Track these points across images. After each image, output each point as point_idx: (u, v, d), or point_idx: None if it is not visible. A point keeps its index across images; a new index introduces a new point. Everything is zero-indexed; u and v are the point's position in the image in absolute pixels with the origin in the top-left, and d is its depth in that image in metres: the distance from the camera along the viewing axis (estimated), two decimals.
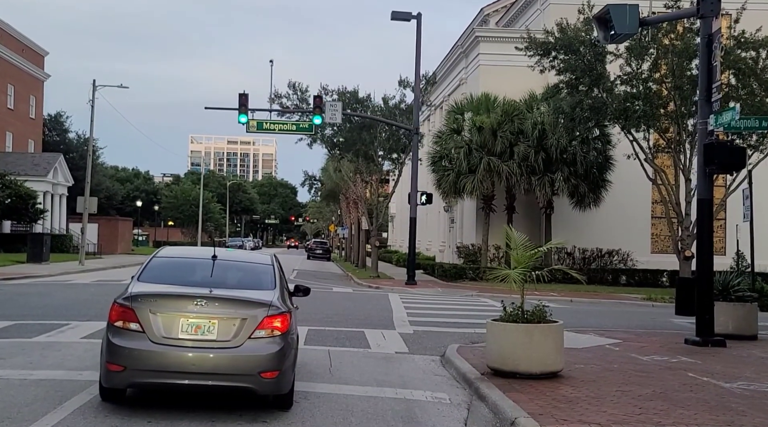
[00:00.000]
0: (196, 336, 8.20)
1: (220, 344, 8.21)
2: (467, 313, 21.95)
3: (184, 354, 8.10)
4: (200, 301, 8.30)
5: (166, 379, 8.14)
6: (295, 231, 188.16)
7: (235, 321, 8.28)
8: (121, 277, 33.53)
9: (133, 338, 8.13)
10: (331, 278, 41.45)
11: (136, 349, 8.06)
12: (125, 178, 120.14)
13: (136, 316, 8.19)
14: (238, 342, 8.23)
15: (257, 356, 8.21)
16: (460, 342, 15.48)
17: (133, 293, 8.48)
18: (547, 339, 11.02)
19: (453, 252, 47.61)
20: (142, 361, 8.05)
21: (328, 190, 75.40)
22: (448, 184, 37.91)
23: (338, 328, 17.03)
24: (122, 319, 8.26)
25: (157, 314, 8.22)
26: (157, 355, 8.05)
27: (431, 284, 35.41)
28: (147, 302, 8.28)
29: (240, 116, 33.13)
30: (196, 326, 8.22)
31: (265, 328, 8.36)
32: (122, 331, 8.22)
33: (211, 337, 8.22)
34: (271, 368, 8.25)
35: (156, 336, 8.14)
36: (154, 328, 8.16)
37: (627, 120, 29.49)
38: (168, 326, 8.19)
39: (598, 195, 37.49)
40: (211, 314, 8.26)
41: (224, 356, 8.15)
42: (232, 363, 8.15)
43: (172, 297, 8.45)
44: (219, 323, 8.25)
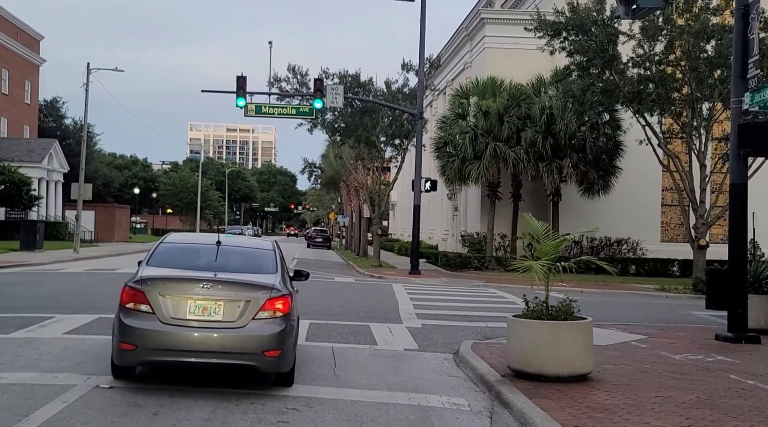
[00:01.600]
0: (203, 317, 8.63)
1: (226, 324, 8.63)
2: (476, 305, 20.87)
3: (191, 334, 8.54)
4: (206, 284, 8.75)
5: (175, 357, 8.57)
6: (294, 219, 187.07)
7: (240, 303, 8.70)
8: (115, 266, 32.44)
9: (144, 319, 8.56)
10: (332, 267, 40.36)
11: (147, 329, 8.48)
12: (123, 166, 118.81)
13: (147, 298, 8.63)
14: (242, 323, 8.66)
15: (261, 335, 8.62)
16: (473, 338, 14.42)
17: (143, 277, 8.93)
18: (576, 338, 9.93)
19: (456, 241, 46.51)
20: (153, 340, 8.47)
21: (328, 177, 74.29)
22: (453, 170, 36.74)
23: (342, 321, 15.95)
24: (133, 301, 8.68)
25: (166, 296, 8.64)
26: (166, 335, 8.48)
27: (435, 274, 34.32)
28: (156, 285, 8.73)
29: (238, 100, 31.96)
30: (203, 308, 8.65)
31: (267, 309, 8.79)
32: (133, 312, 8.64)
33: (217, 318, 8.65)
34: (273, 347, 8.65)
35: (165, 317, 8.56)
36: (163, 309, 8.58)
37: (640, 103, 28.35)
38: (176, 308, 8.62)
39: (607, 182, 36.33)
40: (216, 297, 8.69)
41: (230, 335, 8.58)
42: (237, 342, 8.59)
43: (180, 280, 8.90)
44: (224, 304, 8.69)
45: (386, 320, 16.70)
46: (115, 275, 26.92)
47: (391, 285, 27.22)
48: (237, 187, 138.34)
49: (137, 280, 8.92)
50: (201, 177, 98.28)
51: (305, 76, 39.04)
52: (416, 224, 33.94)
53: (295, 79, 39.04)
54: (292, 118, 35.22)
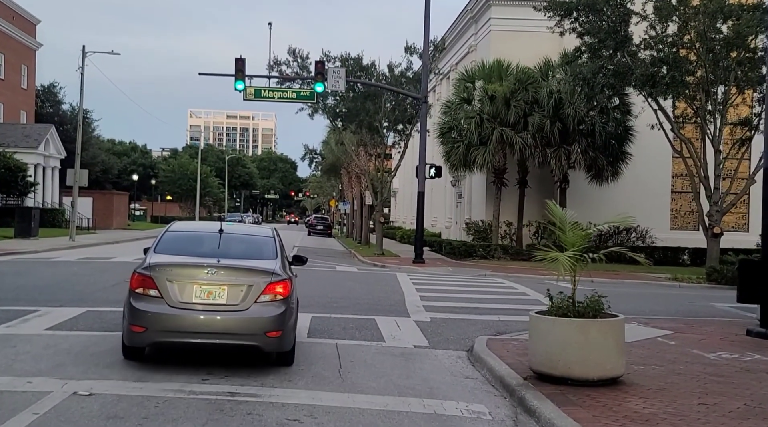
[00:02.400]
0: (208, 301, 9.12)
1: (230, 307, 9.13)
2: (485, 296, 19.92)
3: (198, 316, 9.04)
4: (210, 270, 9.22)
5: (183, 338, 9.10)
6: (295, 206, 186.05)
7: (243, 287, 9.18)
8: (111, 254, 31.49)
9: (153, 303, 9.05)
10: (333, 256, 39.43)
11: (156, 312, 8.98)
12: (122, 152, 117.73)
13: (155, 283, 9.12)
14: (245, 306, 9.15)
15: (263, 318, 9.12)
16: (485, 333, 13.51)
17: (152, 263, 9.39)
18: (607, 337, 8.99)
19: (460, 228, 45.56)
20: (161, 323, 8.97)
21: (329, 164, 73.28)
22: (458, 156, 35.72)
23: (346, 315, 15.02)
24: (142, 286, 9.17)
25: (173, 281, 9.13)
26: (174, 317, 8.97)
27: (440, 263, 33.38)
28: (164, 271, 9.21)
29: (237, 83, 30.92)
30: (208, 292, 9.14)
31: (269, 293, 9.27)
32: (143, 296, 9.14)
33: (221, 301, 9.14)
34: (275, 328, 9.16)
35: (173, 301, 9.05)
36: (170, 294, 9.07)
37: (653, 87, 27.31)
38: (183, 292, 9.11)
39: (616, 168, 35.31)
40: (220, 282, 9.17)
41: (234, 317, 9.08)
42: (240, 324, 9.09)
43: (186, 266, 9.40)
44: (228, 289, 9.17)
45: (393, 313, 15.77)
46: (110, 264, 25.99)
47: (395, 275, 26.29)
48: (237, 174, 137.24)
49: (146, 266, 9.38)
50: (200, 164, 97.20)
51: (306, 60, 38.01)
52: (420, 212, 32.98)
53: (295, 62, 38.01)
54: (293, 102, 34.17)
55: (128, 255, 30.41)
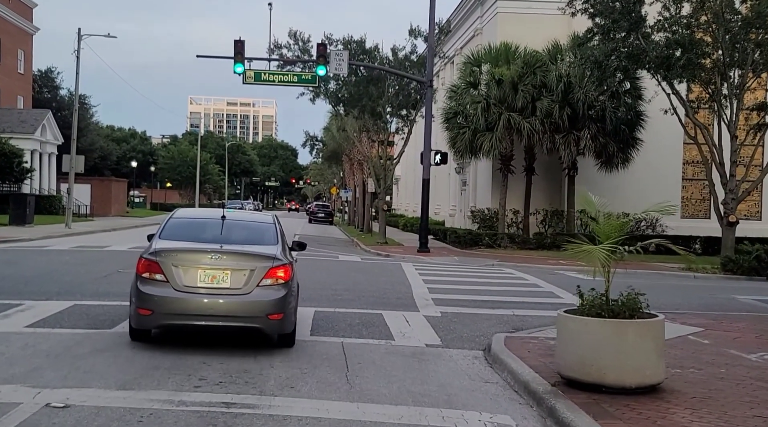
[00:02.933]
0: (212, 285, 9.45)
1: (234, 291, 9.45)
2: (496, 288, 18.99)
3: (202, 300, 9.38)
4: (214, 255, 9.54)
5: (188, 321, 9.46)
6: (295, 194, 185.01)
7: (245, 272, 9.48)
8: (106, 242, 30.56)
9: (159, 287, 9.38)
10: (335, 244, 38.51)
11: (162, 296, 9.32)
12: (121, 139, 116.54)
13: (161, 268, 9.44)
14: (248, 289, 9.46)
15: (265, 301, 9.45)
16: (501, 329, 12.61)
17: (157, 249, 9.71)
18: (645, 340, 8.06)
19: (465, 216, 44.61)
20: (167, 306, 9.31)
21: (330, 151, 72.34)
22: (464, 142, 34.70)
23: (351, 309, 14.09)
24: (149, 271, 9.49)
25: (179, 266, 9.45)
26: (180, 301, 9.31)
27: (445, 252, 32.45)
28: (169, 256, 9.52)
29: (235, 66, 29.90)
30: (212, 276, 9.45)
31: (270, 277, 9.58)
32: (149, 281, 9.45)
33: (225, 285, 9.46)
34: (276, 310, 9.48)
35: (178, 285, 9.38)
36: (176, 278, 9.39)
37: (669, 70, 26.28)
38: (188, 277, 9.42)
39: (627, 155, 34.30)
40: (224, 266, 9.47)
41: (237, 301, 9.42)
42: (244, 307, 9.41)
43: (190, 252, 9.70)
44: (231, 273, 9.47)
45: (400, 306, 14.85)
46: (104, 253, 25.06)
47: (400, 264, 25.37)
48: (237, 161, 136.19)
49: (152, 252, 9.70)
50: (200, 150, 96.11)
51: (307, 43, 37.00)
52: (425, 199, 32.03)
53: (296, 45, 36.97)
54: (294, 85, 33.16)
55: (124, 243, 29.51)
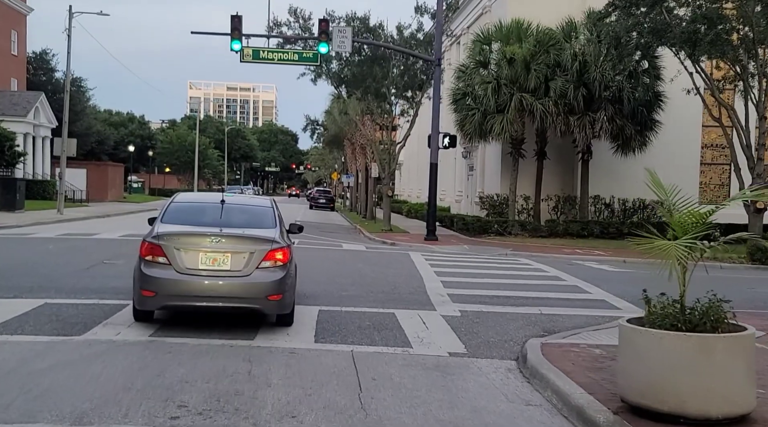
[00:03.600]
0: (213, 267, 9.65)
1: (234, 273, 9.67)
2: (515, 281, 17.39)
3: (204, 282, 9.61)
4: (215, 238, 9.76)
5: (191, 302, 9.68)
6: (296, 179, 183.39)
7: (245, 254, 9.69)
8: (97, 230, 28.94)
9: (162, 269, 9.58)
10: (338, 232, 36.89)
11: (165, 278, 9.53)
12: (119, 123, 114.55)
13: (163, 251, 9.63)
14: (248, 271, 9.68)
15: (264, 282, 9.67)
16: (530, 331, 11.10)
17: (160, 233, 9.87)
18: (735, 360, 6.46)
19: (472, 203, 42.98)
20: (170, 288, 9.54)
21: (331, 135, 70.60)
22: (473, 125, 32.97)
23: (359, 308, 12.50)
24: (152, 254, 9.68)
25: (181, 249, 9.64)
26: (182, 283, 9.53)
27: (454, 240, 30.84)
28: (171, 240, 9.70)
29: (233, 42, 28.17)
30: (213, 259, 9.66)
31: (269, 260, 9.80)
32: (152, 263, 9.63)
33: (226, 267, 9.68)
34: (275, 291, 9.72)
35: (180, 267, 9.58)
36: (178, 261, 9.59)
37: (695, 46, 24.58)
38: (190, 259, 9.62)
39: (645, 138, 32.60)
40: (224, 249, 9.69)
41: (238, 283, 9.64)
42: (244, 288, 9.64)
43: (192, 235, 9.89)
44: (232, 256, 9.70)
45: (414, 304, 13.26)
46: (92, 241, 23.45)
47: (408, 254, 23.76)
48: (237, 145, 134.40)
49: (155, 235, 9.86)
50: (198, 134, 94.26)
51: (308, 21, 35.21)
52: (433, 185, 30.37)
53: (297, 23, 35.20)
54: (295, 64, 31.38)
55: (115, 231, 27.93)
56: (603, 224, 33.44)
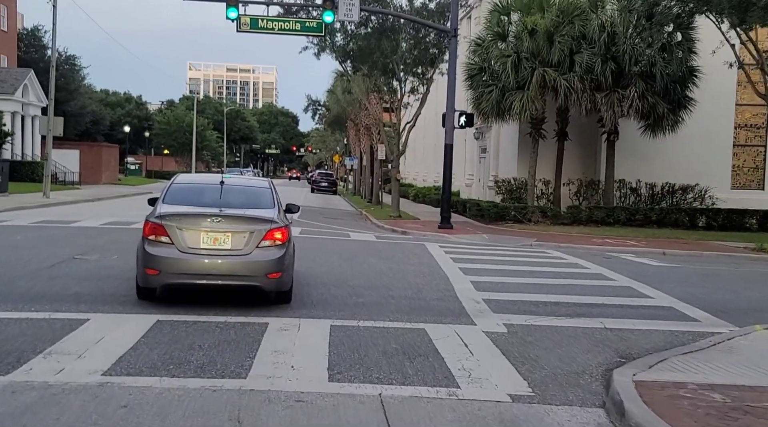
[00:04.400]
0: (215, 246, 10.00)
1: (235, 252, 10.02)
2: (556, 280, 14.87)
3: (205, 260, 9.92)
4: (216, 218, 10.09)
5: (193, 280, 10.01)
6: (296, 162, 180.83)
7: (245, 234, 10.08)
8: (80, 216, 26.37)
9: (165, 248, 9.90)
10: (343, 218, 34.34)
11: (168, 257, 9.84)
12: (116, 103, 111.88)
13: (166, 231, 9.97)
14: (248, 250, 10.04)
15: (264, 261, 10.02)
16: (602, 355, 8.77)
17: (162, 213, 10.19)
18: None
19: (484, 187, 40.41)
20: (173, 266, 9.84)
21: (333, 116, 68.00)
22: (490, 103, 30.29)
23: (380, 321, 10.01)
24: (154, 233, 10.02)
25: (183, 229, 9.99)
26: (184, 261, 9.86)
27: (470, 228, 28.30)
28: (173, 220, 10.05)
29: (228, 10, 25.48)
30: (214, 238, 10.01)
31: (269, 239, 10.17)
32: (155, 243, 9.98)
33: (227, 247, 10.02)
34: (275, 269, 10.05)
35: (183, 246, 9.92)
36: (180, 240, 9.94)
37: (746, 11, 21.92)
38: (191, 239, 9.97)
39: (677, 117, 29.93)
40: (225, 229, 10.04)
41: (238, 261, 9.97)
42: (244, 267, 9.97)
43: (192, 216, 10.20)
44: (232, 235, 10.04)
45: (446, 314, 10.78)
46: (69, 230, 20.89)
47: (423, 245, 21.23)
48: (236, 127, 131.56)
49: (157, 215, 10.14)
50: (196, 114, 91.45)
51: None
52: (448, 168, 27.78)
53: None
54: (297, 34, 28.64)
55: (100, 218, 25.38)
56: (629, 210, 30.84)
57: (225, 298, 10.70)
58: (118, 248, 16.22)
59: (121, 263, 13.88)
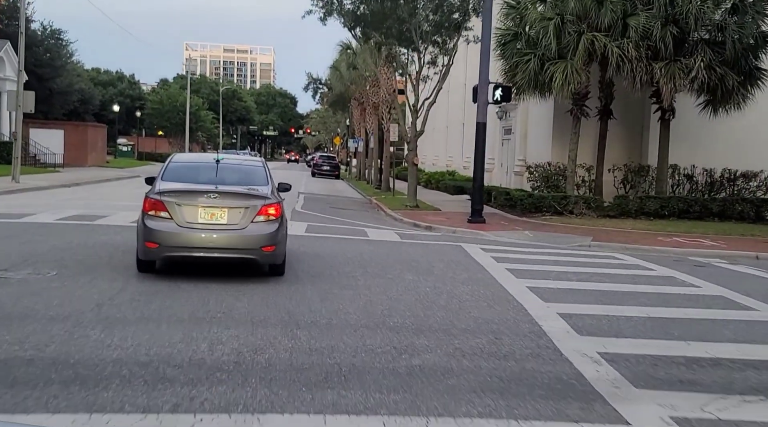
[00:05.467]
0: (211, 221, 10.60)
1: (231, 226, 10.64)
2: (675, 311, 10.47)
3: (202, 234, 10.52)
4: (211, 195, 10.63)
5: (191, 252, 10.57)
6: (294, 144, 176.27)
7: (241, 210, 10.68)
8: (41, 206, 21.75)
9: (164, 223, 10.49)
10: (351, 208, 29.94)
11: (167, 231, 10.42)
12: (108, 82, 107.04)
13: (165, 206, 10.55)
14: (243, 225, 10.67)
15: (258, 234, 10.65)
16: None
17: (161, 190, 10.78)
18: None
19: (508, 173, 36.05)
20: (172, 240, 10.43)
21: (336, 95, 63.37)
22: (527, 75, 25.80)
23: (460, 416, 5.60)
24: (154, 209, 10.58)
25: (181, 205, 10.56)
26: (183, 235, 10.45)
27: (504, 222, 23.95)
28: (172, 196, 10.61)
29: None
30: (211, 214, 10.60)
31: (263, 214, 10.78)
32: (155, 218, 10.53)
33: (223, 221, 10.64)
34: (269, 243, 10.70)
35: (181, 221, 10.52)
36: (179, 215, 10.53)
37: None
38: (189, 214, 10.55)
39: (747, 91, 25.46)
40: (222, 205, 10.62)
41: (234, 235, 10.62)
42: (240, 240, 10.62)
43: (190, 192, 10.73)
44: (228, 211, 10.66)
45: (562, 394, 6.43)
46: (11, 228, 16.36)
47: (461, 248, 16.83)
48: (233, 107, 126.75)
49: (157, 192, 10.72)
50: (191, 94, 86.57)
51: None
52: (480, 151, 23.42)
53: None
54: None
55: (62, 209, 20.84)
56: (687, 200, 26.42)
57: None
58: (64, 258, 11.91)
59: (59, 284, 9.59)
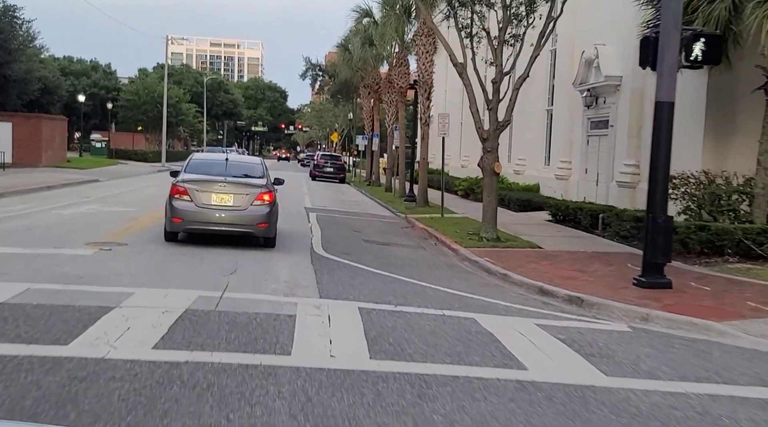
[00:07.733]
0: (221, 203, 14.87)
1: (235, 208, 14.88)
2: None
3: (215, 213, 14.82)
4: (222, 183, 14.99)
5: (205, 226, 14.86)
6: (284, 141, 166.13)
7: (243, 195, 14.89)
8: None
9: (187, 203, 14.82)
10: (397, 241, 19.09)
11: (188, 210, 14.79)
12: (80, 72, 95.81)
13: (188, 192, 14.86)
14: (245, 207, 14.86)
15: (256, 214, 14.86)
16: None
17: (185, 179, 15.20)
18: None
19: (603, 183, 25.64)
20: (192, 217, 14.76)
21: (340, 83, 53.06)
22: (712, 21, 15.36)
23: None
24: (179, 193, 14.87)
25: (199, 191, 14.86)
26: (200, 213, 14.77)
27: (693, 282, 13.45)
28: (193, 184, 14.99)
29: None
30: (221, 198, 14.87)
31: (259, 199, 14.94)
32: (179, 199, 14.83)
33: (230, 204, 14.87)
34: (264, 221, 14.89)
35: (199, 203, 14.81)
36: (197, 198, 14.81)
37: None
38: (205, 198, 14.84)
39: None
40: (229, 191, 14.91)
41: (237, 214, 14.85)
42: (242, 218, 14.85)
43: (206, 182, 15.11)
44: (234, 196, 14.92)
45: None
46: None
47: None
48: (219, 100, 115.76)
49: (181, 180, 15.12)
50: (169, 83, 75.38)
51: None
52: (665, 146, 12.66)
53: None
54: None
55: None
56: None
57: None
58: None
59: None
